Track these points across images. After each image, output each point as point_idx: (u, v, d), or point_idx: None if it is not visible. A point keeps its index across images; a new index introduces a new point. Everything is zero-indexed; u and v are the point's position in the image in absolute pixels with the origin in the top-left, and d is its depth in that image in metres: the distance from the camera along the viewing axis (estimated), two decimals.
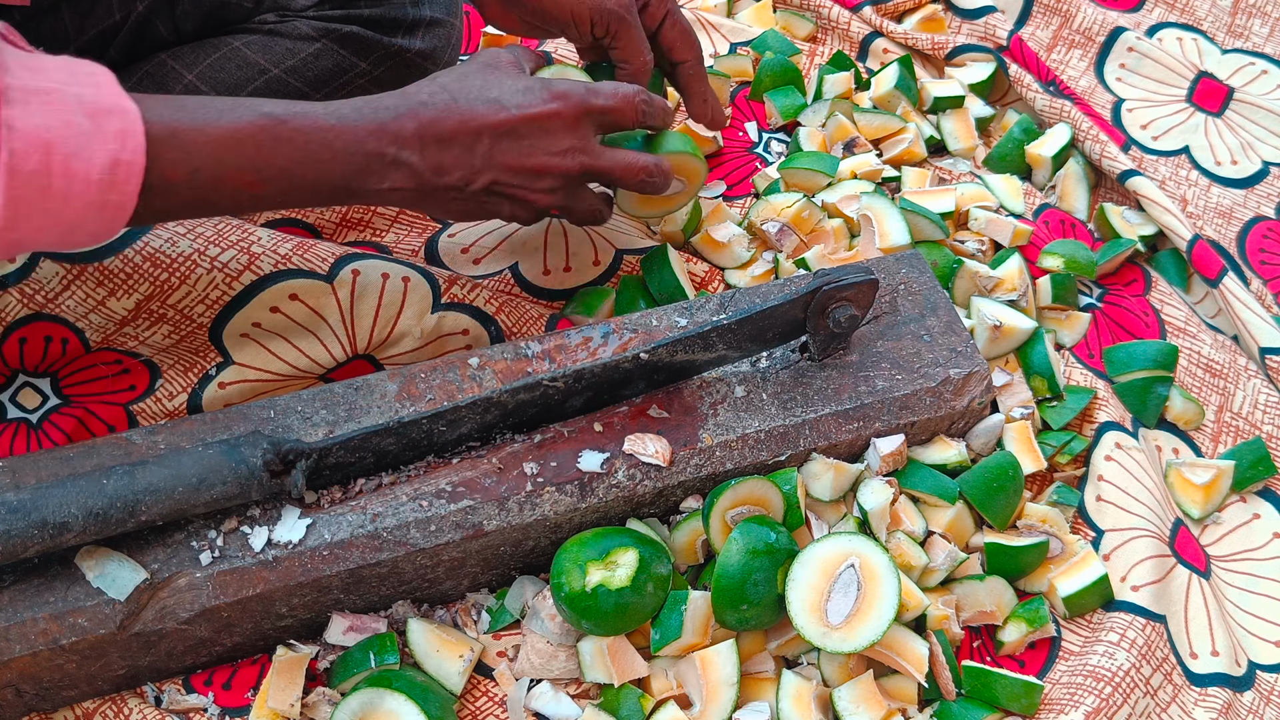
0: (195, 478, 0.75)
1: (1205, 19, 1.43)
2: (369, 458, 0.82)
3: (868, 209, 1.10)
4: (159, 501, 0.74)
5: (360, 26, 1.05)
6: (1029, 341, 1.05)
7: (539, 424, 0.87)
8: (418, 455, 0.84)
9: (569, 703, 0.85)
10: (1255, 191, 1.28)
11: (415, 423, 0.81)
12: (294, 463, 0.78)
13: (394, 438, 0.81)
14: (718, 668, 0.84)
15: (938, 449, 0.96)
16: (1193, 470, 1.04)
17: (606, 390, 0.86)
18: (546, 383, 0.83)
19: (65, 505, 0.72)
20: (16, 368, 0.92)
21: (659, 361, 0.86)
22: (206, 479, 0.75)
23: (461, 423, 0.83)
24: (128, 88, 0.99)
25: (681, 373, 0.88)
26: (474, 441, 0.85)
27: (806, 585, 0.82)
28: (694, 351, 0.87)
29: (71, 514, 0.72)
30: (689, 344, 0.86)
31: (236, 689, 0.84)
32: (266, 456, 0.77)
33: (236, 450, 0.76)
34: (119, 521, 0.73)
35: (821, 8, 1.37)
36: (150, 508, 0.74)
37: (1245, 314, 1.14)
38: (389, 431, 0.81)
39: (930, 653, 0.85)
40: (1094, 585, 0.92)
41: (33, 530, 0.71)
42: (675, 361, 0.86)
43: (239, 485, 0.76)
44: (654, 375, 0.87)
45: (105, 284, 0.90)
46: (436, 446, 0.84)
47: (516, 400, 0.83)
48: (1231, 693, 0.92)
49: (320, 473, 0.81)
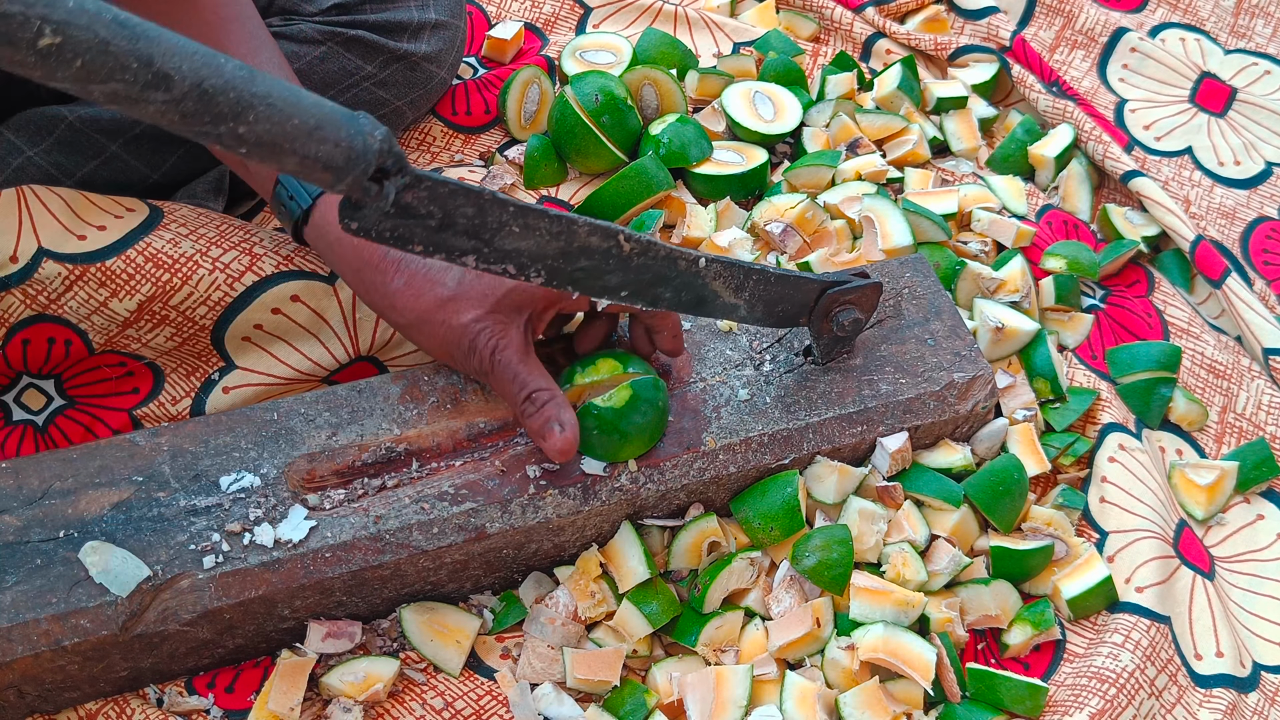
0: (314, 119, 0.63)
1: (1208, 19, 1.43)
2: (437, 218, 0.72)
3: (870, 210, 1.10)
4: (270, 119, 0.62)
5: (366, 30, 1.05)
6: (1032, 343, 1.05)
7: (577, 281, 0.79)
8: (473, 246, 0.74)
9: (571, 704, 0.85)
10: (1258, 192, 1.28)
11: (501, 203, 0.72)
12: (393, 173, 0.68)
13: (474, 208, 0.72)
14: (731, 686, 0.84)
15: (942, 453, 0.96)
16: (1196, 471, 1.04)
17: (647, 282, 0.81)
18: (621, 236, 0.77)
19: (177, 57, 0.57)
20: (20, 369, 0.92)
21: (700, 276, 0.82)
22: (323, 127, 0.64)
23: (533, 231, 0.74)
24: None
25: (703, 303, 0.83)
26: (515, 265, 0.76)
27: None
28: (728, 285, 0.83)
29: (180, 70, 0.57)
30: (732, 272, 0.83)
31: (239, 691, 0.84)
32: (384, 144, 0.66)
33: (357, 120, 0.66)
34: (220, 116, 0.60)
35: (824, 8, 1.37)
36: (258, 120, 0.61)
37: (1249, 315, 1.14)
38: (474, 198, 0.72)
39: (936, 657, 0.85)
40: (1098, 587, 0.92)
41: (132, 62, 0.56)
42: (710, 286, 0.83)
43: (348, 155, 0.65)
44: (686, 290, 0.82)
45: (107, 285, 0.90)
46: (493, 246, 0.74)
47: (587, 239, 0.76)
48: (1236, 694, 0.91)
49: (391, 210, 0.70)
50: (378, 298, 0.84)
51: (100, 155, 1.00)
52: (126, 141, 1.01)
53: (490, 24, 1.30)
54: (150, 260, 0.90)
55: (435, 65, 1.11)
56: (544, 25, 1.31)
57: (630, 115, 1.16)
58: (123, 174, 1.02)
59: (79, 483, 0.81)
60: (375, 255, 0.82)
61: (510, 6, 1.32)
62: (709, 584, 0.87)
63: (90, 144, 1.00)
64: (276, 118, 0.61)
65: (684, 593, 0.91)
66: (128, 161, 1.02)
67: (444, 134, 1.18)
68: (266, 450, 0.85)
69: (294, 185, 0.86)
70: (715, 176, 1.15)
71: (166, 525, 0.80)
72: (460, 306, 0.82)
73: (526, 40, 1.29)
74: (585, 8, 1.33)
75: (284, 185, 0.86)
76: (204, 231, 0.94)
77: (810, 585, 0.89)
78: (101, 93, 0.56)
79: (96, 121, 0.99)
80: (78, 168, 1.00)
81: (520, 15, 1.32)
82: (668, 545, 0.90)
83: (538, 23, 1.31)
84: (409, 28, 1.07)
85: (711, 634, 0.87)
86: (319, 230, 0.86)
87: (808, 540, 0.88)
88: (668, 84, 1.20)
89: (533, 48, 1.28)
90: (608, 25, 1.32)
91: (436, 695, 0.85)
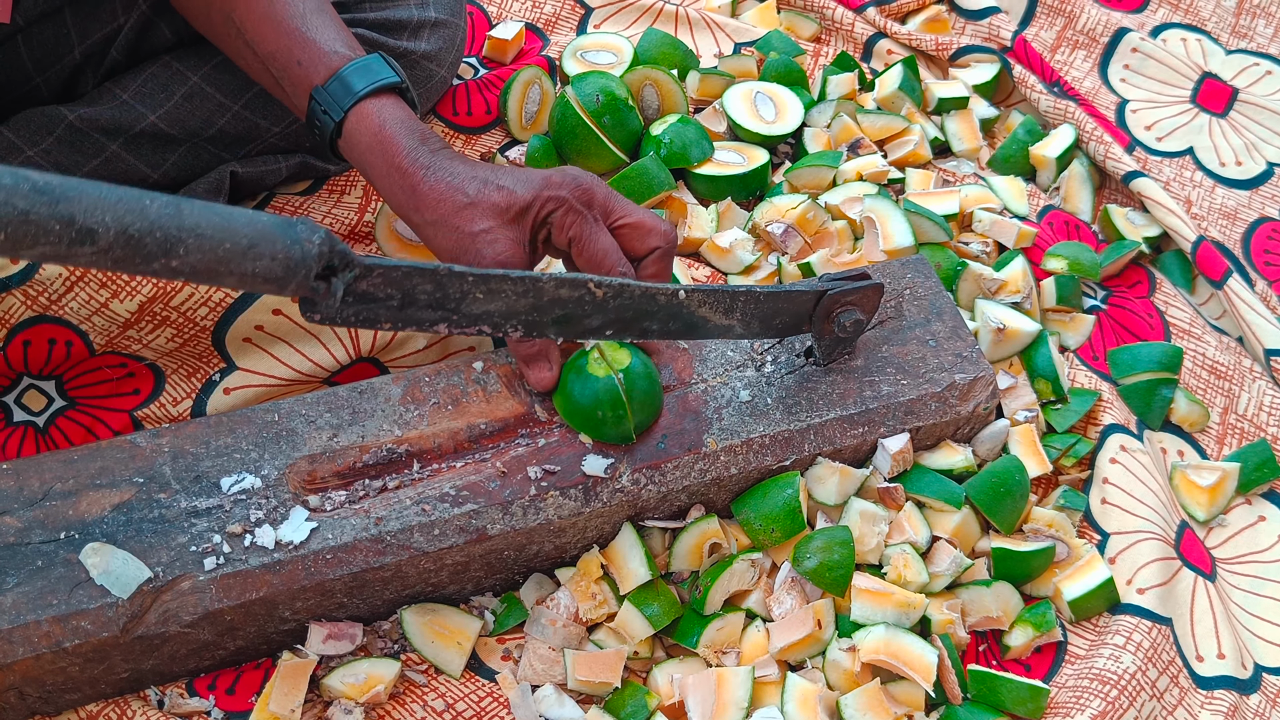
0: (246, 238, 0.65)
1: (1209, 20, 1.43)
2: (398, 298, 0.75)
3: (871, 211, 1.10)
4: (201, 249, 0.63)
5: (365, 28, 1.05)
6: (1033, 344, 1.05)
7: (557, 328, 0.82)
8: (441, 316, 0.77)
9: (572, 705, 0.85)
10: (1260, 193, 1.28)
11: (459, 276, 0.76)
12: (340, 268, 0.71)
13: (432, 284, 0.75)
14: (732, 688, 0.84)
15: (944, 454, 0.95)
16: (1198, 472, 1.04)
17: (630, 319, 0.83)
18: (591, 284, 0.80)
19: (100, 210, 0.60)
20: (21, 370, 0.92)
21: (684, 306, 0.83)
22: (257, 245, 0.66)
23: (497, 295, 0.78)
24: (133, 89, 1.00)
25: (694, 328, 0.85)
26: (489, 325, 0.79)
27: None
28: (715, 310, 0.84)
29: (103, 223, 0.60)
30: (717, 299, 0.84)
31: (240, 693, 0.84)
32: (322, 247, 0.69)
33: (293, 229, 0.68)
34: (149, 255, 0.62)
35: (825, 9, 1.37)
36: (189, 252, 0.63)
37: (1250, 315, 1.13)
38: (430, 275, 0.75)
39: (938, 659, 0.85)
40: (1099, 589, 0.92)
41: (54, 224, 0.59)
42: (696, 313, 0.84)
43: (286, 266, 0.67)
44: (673, 320, 0.84)
45: (108, 285, 0.90)
46: (461, 312, 0.78)
47: (555, 293, 0.79)
48: (1237, 695, 0.91)
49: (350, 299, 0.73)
50: (403, 198, 0.88)
51: (100, 154, 1.00)
52: (126, 141, 1.01)
53: (491, 24, 1.30)
54: None
55: (435, 64, 1.11)
56: (545, 25, 1.31)
57: (631, 116, 1.16)
58: (123, 173, 1.02)
59: (80, 484, 0.81)
60: (403, 160, 0.87)
61: (511, 7, 1.32)
62: (710, 585, 0.87)
63: (90, 143, 1.00)
64: (208, 246, 0.64)
65: (685, 594, 0.90)
66: (128, 161, 1.01)
67: (445, 135, 1.18)
68: (267, 451, 0.84)
69: (327, 100, 0.89)
70: (716, 177, 1.15)
71: (167, 527, 0.80)
72: (475, 215, 0.85)
73: (527, 40, 1.29)
74: (586, 8, 1.32)
75: (317, 101, 0.90)
76: None
77: (811, 587, 0.89)
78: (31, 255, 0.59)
79: (96, 121, 0.99)
80: (78, 167, 1.00)
81: (521, 15, 1.32)
82: (669, 547, 0.90)
83: (539, 23, 1.31)
84: (408, 25, 1.07)
85: (713, 635, 0.87)
86: (350, 141, 0.90)
87: (809, 542, 0.88)
88: (669, 84, 1.20)
89: (534, 48, 1.28)
90: (609, 25, 1.32)
91: (438, 697, 0.85)
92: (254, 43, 0.91)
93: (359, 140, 0.89)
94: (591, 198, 0.88)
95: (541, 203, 0.86)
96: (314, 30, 0.90)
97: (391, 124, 0.88)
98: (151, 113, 1.00)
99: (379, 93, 0.89)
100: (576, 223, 0.87)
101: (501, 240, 0.85)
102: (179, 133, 1.02)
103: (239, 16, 0.91)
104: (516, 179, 0.87)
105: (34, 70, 1.01)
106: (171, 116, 1.01)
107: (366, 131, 0.88)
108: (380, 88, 0.89)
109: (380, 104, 0.89)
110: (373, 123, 0.88)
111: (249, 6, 0.91)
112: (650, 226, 0.89)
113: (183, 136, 1.02)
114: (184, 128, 1.02)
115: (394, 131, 0.88)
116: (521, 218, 0.86)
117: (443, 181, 0.86)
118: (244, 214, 0.66)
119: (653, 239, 0.89)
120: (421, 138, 0.88)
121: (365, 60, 0.89)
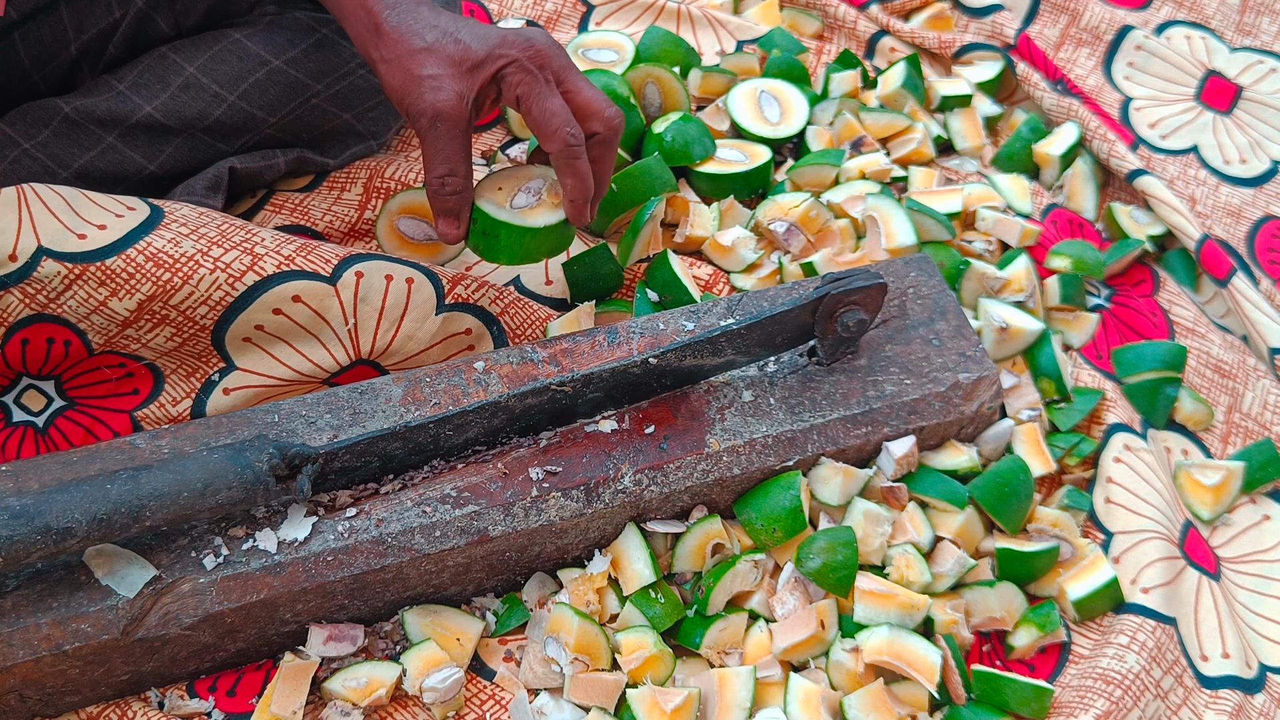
0: (200, 483, 0.74)
1: (1213, 17, 1.42)
2: (374, 462, 0.81)
3: (874, 210, 1.09)
4: (164, 507, 0.73)
5: None
6: (1037, 343, 1.05)
7: (546, 427, 0.86)
8: (424, 460, 0.83)
9: (571, 709, 0.84)
10: (1264, 190, 1.27)
11: (422, 427, 0.81)
12: (300, 467, 0.78)
13: (400, 442, 0.81)
14: (735, 689, 0.84)
15: (948, 454, 0.95)
16: (1202, 471, 1.04)
17: (614, 394, 0.86)
18: (554, 387, 0.83)
19: (69, 511, 0.71)
20: (20, 370, 0.91)
21: (667, 366, 0.85)
22: (212, 484, 0.74)
23: (468, 427, 0.82)
24: (129, 81, 1.00)
25: (690, 377, 0.87)
26: (480, 445, 0.84)
27: None
28: (702, 356, 0.86)
29: (75, 519, 0.71)
30: (697, 349, 0.85)
31: (241, 695, 0.84)
32: (272, 461, 0.76)
33: (242, 455, 0.76)
34: (123, 527, 0.73)
35: (828, 6, 1.36)
36: (155, 513, 0.73)
37: (1254, 314, 1.13)
38: (395, 436, 0.80)
39: None
40: (1104, 588, 0.92)
41: (35, 536, 0.70)
42: (683, 366, 0.86)
43: (244, 490, 0.75)
44: (662, 379, 0.86)
45: (107, 284, 0.89)
46: (443, 451, 0.83)
47: (524, 405, 0.83)
48: (1242, 695, 0.91)
49: (326, 477, 0.80)
50: (366, 35, 0.90)
51: (97, 146, 1.00)
52: (123, 133, 1.00)
53: (492, 21, 1.30)
54: (151, 259, 0.90)
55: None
56: (546, 23, 1.31)
57: (633, 114, 1.16)
58: (119, 165, 1.01)
59: None
60: (378, 6, 0.88)
61: (512, 4, 1.32)
62: (713, 586, 0.87)
63: (87, 135, 0.99)
64: (167, 502, 0.73)
65: (688, 595, 0.90)
66: (124, 153, 1.01)
67: None
68: None
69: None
70: (718, 175, 1.14)
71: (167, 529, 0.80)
72: (426, 60, 0.87)
73: None
74: (588, 5, 1.32)
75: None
76: (205, 231, 0.93)
77: (814, 587, 0.89)
78: (28, 563, 0.72)
79: (92, 113, 0.99)
80: (74, 159, 1.00)
81: (522, 13, 1.31)
82: (671, 547, 0.90)
83: (540, 20, 1.31)
84: None
85: (716, 636, 0.87)
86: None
87: (812, 542, 0.88)
88: (671, 82, 1.19)
89: None
90: (610, 23, 1.32)
91: None
92: None
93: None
94: (545, 60, 0.88)
95: (494, 59, 0.87)
96: None
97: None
98: (148, 104, 1.00)
99: None
100: (525, 80, 0.87)
101: (446, 89, 0.86)
102: (175, 124, 1.02)
103: None
104: (475, 34, 0.88)
105: (31, 67, 1.01)
106: (168, 108, 1.01)
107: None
108: None
109: None
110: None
111: None
112: (594, 109, 0.89)
113: (179, 127, 1.02)
114: (180, 119, 1.02)
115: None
116: (473, 73, 0.87)
117: (404, 24, 0.88)
118: (196, 460, 0.75)
119: (594, 123, 0.89)
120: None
121: None
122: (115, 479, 0.73)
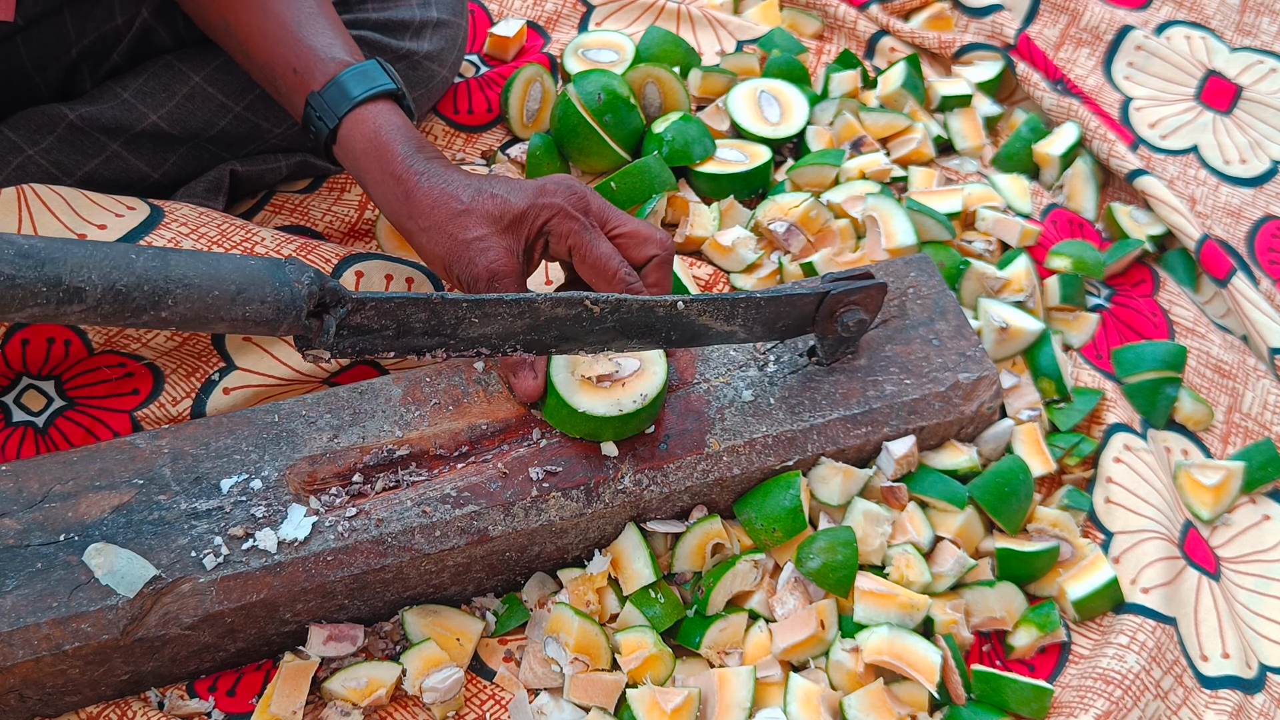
0: (234, 285, 0.67)
1: (1213, 17, 1.42)
2: (392, 328, 0.76)
3: (874, 210, 1.09)
4: (189, 299, 0.65)
5: (368, 29, 1.05)
6: (1037, 343, 1.05)
7: (555, 346, 0.82)
8: (438, 342, 0.78)
9: (571, 710, 0.84)
10: (1264, 190, 1.27)
11: (453, 303, 0.77)
12: (331, 306, 0.72)
13: (426, 312, 0.76)
14: (735, 689, 0.84)
15: (948, 454, 0.95)
16: (1202, 471, 1.04)
17: (630, 333, 0.84)
18: (588, 302, 0.80)
19: (85, 268, 0.62)
20: (20, 370, 0.92)
21: (684, 316, 0.83)
22: (246, 290, 0.67)
23: (494, 318, 0.79)
24: (134, 89, 1.00)
25: (696, 336, 0.85)
26: (486, 349, 0.80)
27: None
28: (716, 317, 0.85)
29: (90, 280, 0.62)
30: (716, 307, 0.84)
31: (241, 695, 0.84)
32: (311, 287, 0.70)
33: (282, 270, 0.69)
34: (139, 309, 0.64)
35: (828, 6, 1.36)
36: (178, 303, 0.65)
37: (1254, 314, 1.13)
38: (424, 304, 0.76)
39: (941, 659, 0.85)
40: (1104, 588, 0.92)
41: (41, 287, 0.61)
42: (697, 322, 0.84)
43: (276, 308, 0.68)
44: (674, 330, 0.84)
45: None
46: (458, 337, 0.79)
47: (553, 312, 0.80)
48: (1242, 695, 0.91)
49: (345, 331, 0.74)
50: (397, 205, 0.88)
51: (101, 154, 1.00)
52: (127, 140, 1.00)
53: (492, 21, 1.30)
54: None
55: (437, 64, 1.10)
56: (546, 23, 1.31)
57: (633, 114, 1.16)
58: (123, 173, 1.01)
59: (79, 486, 0.81)
60: (399, 166, 0.87)
61: (512, 4, 1.32)
62: (713, 586, 0.87)
63: (91, 143, 0.99)
64: (196, 295, 0.65)
65: (688, 595, 0.90)
66: (128, 160, 1.01)
67: (445, 133, 1.18)
68: (268, 453, 0.84)
69: (322, 106, 0.89)
70: (718, 175, 1.14)
71: (167, 529, 0.80)
72: (469, 222, 0.85)
73: (529, 38, 1.29)
74: (588, 5, 1.32)
75: (312, 106, 0.90)
76: (205, 231, 0.93)
77: (814, 587, 0.89)
78: (20, 317, 0.61)
79: (97, 120, 0.99)
80: (78, 166, 1.00)
81: (522, 13, 1.31)
82: (671, 547, 0.90)
83: (540, 20, 1.31)
84: (410, 26, 1.07)
85: (715, 636, 0.87)
86: (345, 146, 0.90)
87: (812, 542, 0.88)
88: (671, 82, 1.19)
89: (535, 45, 1.28)
90: (610, 23, 1.32)
91: None
92: (250, 53, 0.91)
93: (354, 146, 0.89)
94: (587, 205, 0.88)
95: (537, 211, 0.86)
96: (310, 36, 0.90)
97: (388, 130, 0.88)
98: (153, 112, 1.00)
99: (375, 99, 0.89)
100: (575, 230, 0.86)
101: (495, 248, 0.85)
102: (180, 133, 1.01)
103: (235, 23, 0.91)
104: (511, 188, 0.86)
105: (33, 69, 1.01)
106: (173, 116, 1.01)
107: (362, 137, 0.88)
108: (377, 94, 0.88)
109: (376, 110, 0.88)
110: (368, 128, 0.88)
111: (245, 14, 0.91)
112: (646, 235, 0.88)
113: (184, 137, 1.02)
114: (185, 128, 1.01)
115: (390, 138, 0.87)
116: (516, 226, 0.86)
117: (437, 188, 0.86)
118: (231, 259, 0.67)
119: (650, 247, 0.88)
120: (418, 145, 0.88)
121: (362, 66, 0.89)
122: (142, 252, 0.64)
